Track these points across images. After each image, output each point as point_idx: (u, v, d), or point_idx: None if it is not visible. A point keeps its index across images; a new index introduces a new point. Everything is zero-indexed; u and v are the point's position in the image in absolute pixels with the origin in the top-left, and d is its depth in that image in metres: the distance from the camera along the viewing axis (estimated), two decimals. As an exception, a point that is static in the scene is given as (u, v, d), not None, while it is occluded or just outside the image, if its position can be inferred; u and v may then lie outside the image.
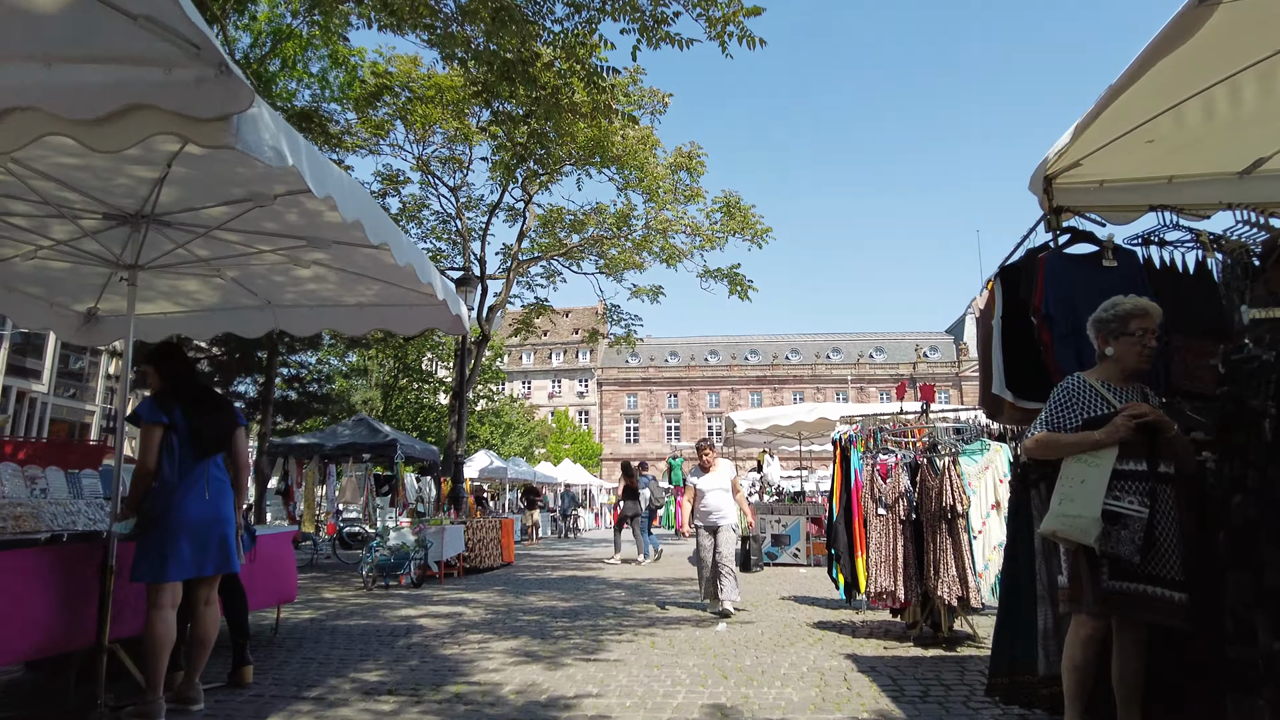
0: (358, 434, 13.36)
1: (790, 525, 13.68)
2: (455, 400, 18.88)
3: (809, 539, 13.84)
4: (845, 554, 7.42)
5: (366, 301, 5.96)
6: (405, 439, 13.64)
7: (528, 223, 20.06)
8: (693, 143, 19.24)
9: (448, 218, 20.85)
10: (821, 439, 19.07)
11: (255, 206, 4.08)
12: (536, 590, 9.90)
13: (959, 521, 5.73)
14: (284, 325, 6.21)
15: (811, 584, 10.51)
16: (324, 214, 4.34)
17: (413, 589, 10.03)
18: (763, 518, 13.76)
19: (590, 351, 72.03)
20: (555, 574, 12.38)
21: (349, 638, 6.39)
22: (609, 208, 19.71)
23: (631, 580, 11.20)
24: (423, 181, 20.27)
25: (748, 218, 19.27)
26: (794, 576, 11.54)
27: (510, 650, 5.84)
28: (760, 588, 10.05)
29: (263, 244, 4.79)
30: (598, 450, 62.26)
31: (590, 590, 9.89)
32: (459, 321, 5.74)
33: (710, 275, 20.16)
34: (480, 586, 10.41)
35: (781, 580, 11.03)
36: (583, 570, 13.05)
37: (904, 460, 6.33)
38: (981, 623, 6.67)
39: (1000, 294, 4.40)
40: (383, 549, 9.98)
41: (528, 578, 11.77)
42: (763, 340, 75.52)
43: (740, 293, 19.90)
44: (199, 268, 5.20)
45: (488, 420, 33.61)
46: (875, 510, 6.38)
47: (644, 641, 6.23)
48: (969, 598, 5.63)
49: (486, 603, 8.69)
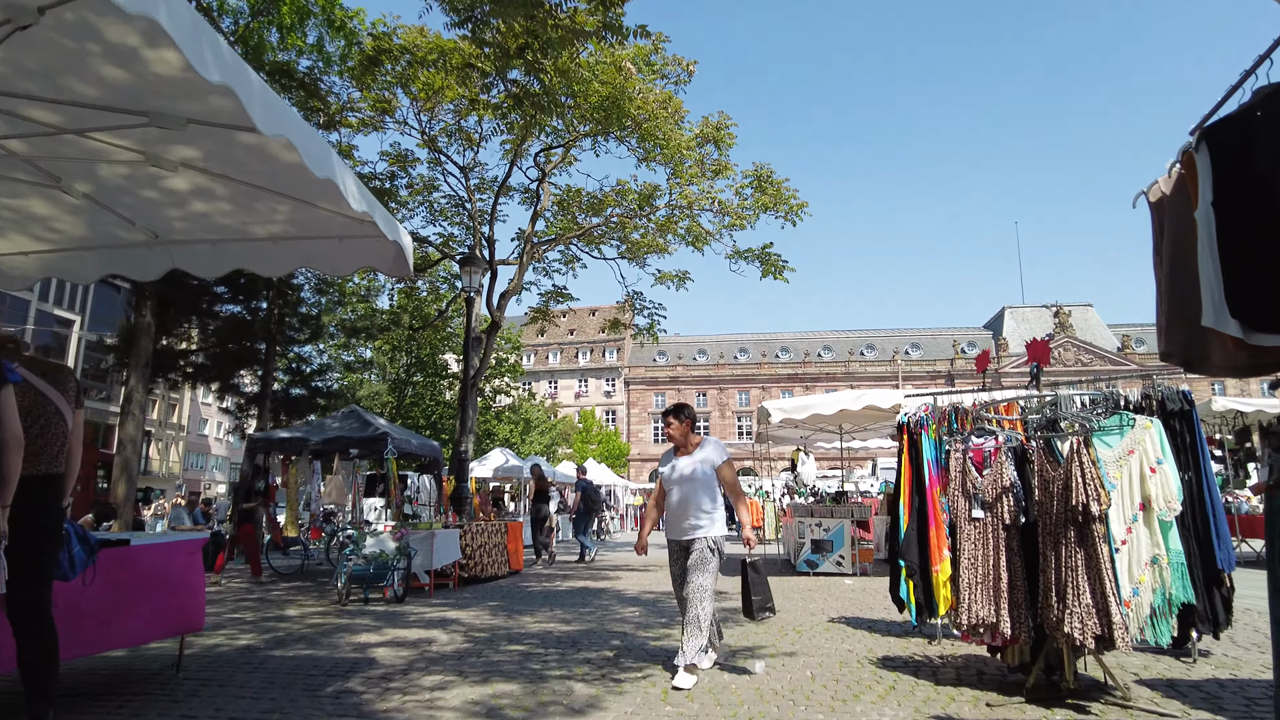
0: (347, 427, 11.95)
1: (833, 529, 12.01)
2: (464, 393, 17.50)
3: (854, 544, 12.16)
4: (918, 568, 5.79)
5: (280, 232, 4.46)
6: (399, 432, 12.21)
7: (543, 203, 18.56)
8: (721, 113, 17.57)
9: (460, 201, 19.46)
10: (864, 433, 17.34)
11: (15, 29, 2.56)
12: (536, 607, 8.36)
13: (1094, 528, 4.06)
14: (184, 265, 4.76)
15: (863, 600, 8.84)
16: (152, 63, 2.84)
17: (395, 604, 8.56)
18: (801, 521, 12.10)
19: (617, 350, 70.63)
20: (564, 585, 10.84)
21: (271, 677, 4.89)
22: (629, 183, 18.12)
23: (649, 594, 9.62)
24: (431, 160, 18.92)
25: (780, 191, 17.57)
26: (839, 590, 9.88)
27: (469, 704, 4.30)
28: (802, 605, 8.41)
29: (83, 122, 3.29)
30: (625, 450, 60.73)
31: (599, 607, 8.33)
32: (401, 257, 4.22)
33: (740, 256, 18.51)
34: (472, 601, 8.90)
35: (826, 595, 9.38)
36: (597, 580, 11.49)
37: (1009, 444, 4.66)
38: (1133, 667, 4.99)
39: (1208, 167, 2.75)
40: (358, 558, 8.52)
41: (531, 590, 10.24)
42: (793, 337, 73.45)
43: (774, 273, 18.23)
44: (23, 172, 3.73)
45: (505, 417, 32.12)
46: (968, 512, 4.73)
47: (652, 689, 4.66)
48: (1111, 635, 3.96)
49: (470, 625, 7.16)
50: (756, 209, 17.87)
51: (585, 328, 73.03)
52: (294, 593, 9.86)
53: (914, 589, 5.75)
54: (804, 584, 10.69)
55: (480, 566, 11.33)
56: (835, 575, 11.75)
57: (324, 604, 8.62)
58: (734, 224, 18.31)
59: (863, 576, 11.74)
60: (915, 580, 5.78)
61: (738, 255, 18.52)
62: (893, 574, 6.23)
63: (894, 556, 6.27)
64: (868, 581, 10.91)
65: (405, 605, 8.51)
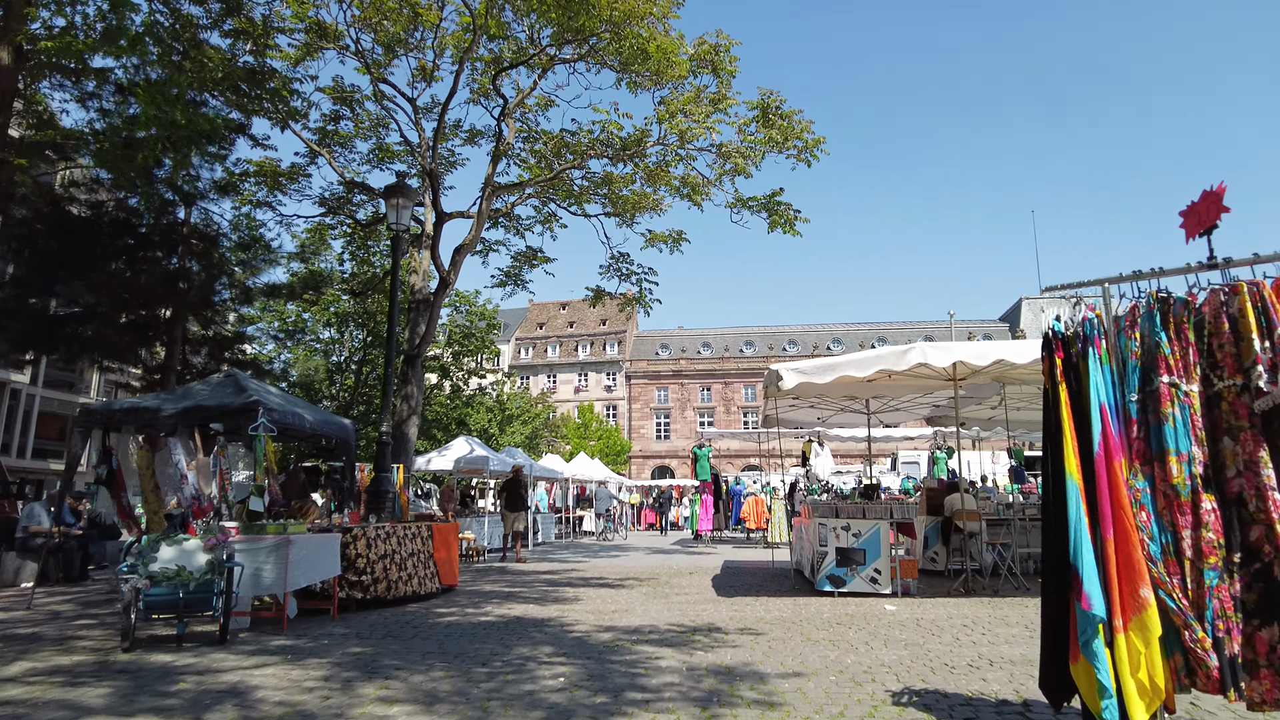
0: (218, 395, 8.95)
1: (865, 534, 8.95)
2: (388, 362, 14.45)
3: (894, 554, 9.10)
4: (1100, 602, 2.79)
5: None
6: (290, 403, 9.17)
7: (506, 139, 15.46)
8: (719, 31, 14.44)
9: (414, 147, 16.39)
10: (896, 413, 14.25)
11: None
12: (412, 663, 5.30)
13: None
14: None
15: (926, 642, 5.76)
16: None
17: (214, 648, 5.54)
18: (822, 524, 9.05)
19: (618, 343, 67.59)
20: (494, 613, 7.78)
21: None
22: (610, 114, 14.96)
23: (603, 634, 6.54)
24: (376, 94, 15.84)
25: (792, 125, 14.45)
26: (881, 622, 6.81)
27: None
28: (834, 655, 5.34)
29: None
30: (626, 446, 57.58)
31: (513, 664, 5.27)
32: None
33: (744, 205, 15.41)
34: (327, 647, 5.84)
35: (867, 632, 6.30)
36: (545, 604, 8.43)
37: None
38: None
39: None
40: (141, 576, 5.48)
41: (439, 623, 7.19)
42: (801, 330, 70.27)
43: (784, 225, 15.14)
44: None
45: (477, 404, 28.82)
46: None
47: None
48: None
49: (262, 711, 4.13)
50: (763, 148, 14.77)
51: (585, 320, 69.96)
52: (84, 623, 6.85)
53: (1117, 662, 2.73)
54: (829, 610, 7.63)
55: (387, 584, 8.30)
56: (869, 596, 8.69)
57: (85, 651, 5.60)
58: (737, 169, 15.21)
59: (906, 597, 8.68)
60: (1109, 642, 2.76)
61: (740, 204, 15.42)
62: (1050, 637, 3.21)
63: (1053, 599, 3.25)
64: (917, 607, 7.84)
65: (219, 652, 5.48)
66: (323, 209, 17.43)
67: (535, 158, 16.97)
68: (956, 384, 9.58)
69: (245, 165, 16.53)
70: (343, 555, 7.78)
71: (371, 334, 23.01)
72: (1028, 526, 11.62)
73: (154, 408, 8.80)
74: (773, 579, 10.88)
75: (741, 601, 8.45)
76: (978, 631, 6.40)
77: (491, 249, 18.51)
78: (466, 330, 27.25)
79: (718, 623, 6.91)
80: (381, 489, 10.24)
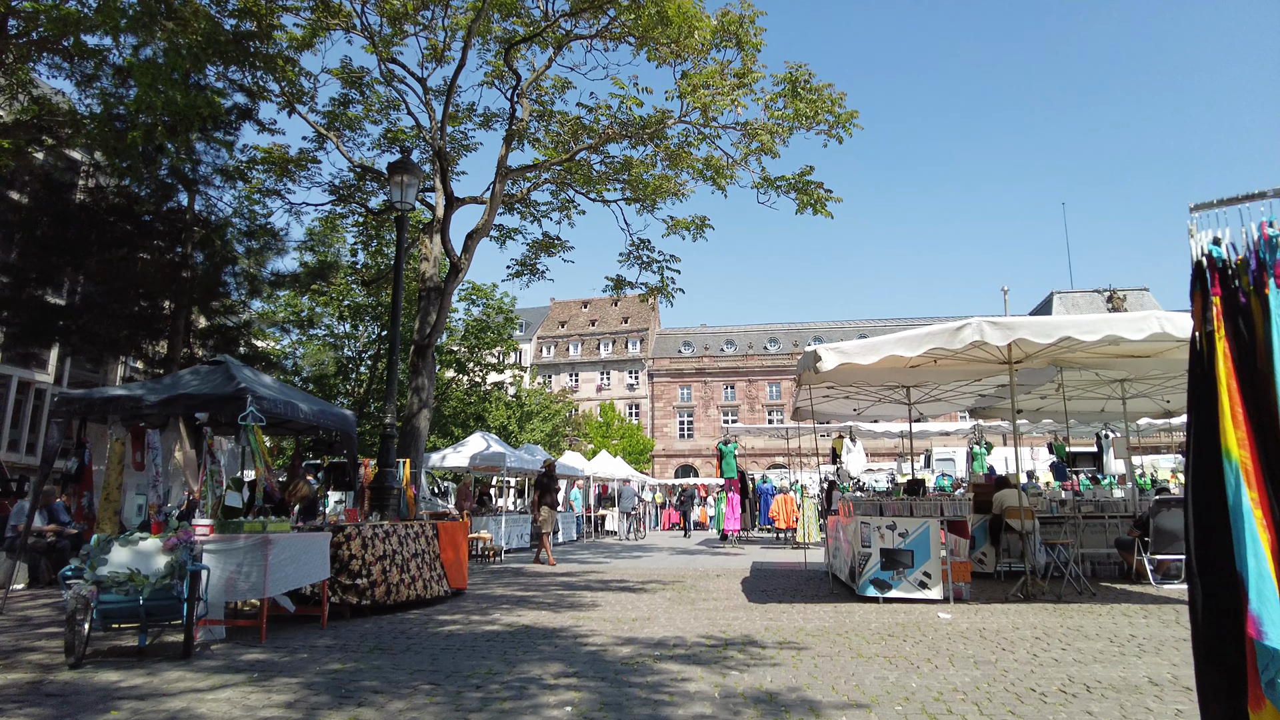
0: (207, 383, 8.28)
1: (913, 534, 8.08)
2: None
3: (946, 556, 8.21)
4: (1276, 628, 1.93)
5: None
6: (275, 390, 8.48)
7: (520, 119, 14.72)
8: (744, 0, 13.58)
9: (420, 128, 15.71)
10: (937, 403, 13.35)
11: None
12: (403, 679, 4.56)
13: None
14: None
15: (982, 652, 4.90)
16: None
17: (176, 662, 4.83)
18: (865, 523, 8.19)
19: (640, 341, 66.81)
20: (502, 621, 7.03)
21: None
22: (628, 89, 14.14)
23: (620, 648, 5.76)
24: (386, 75, 15.20)
25: (822, 98, 13.56)
26: (938, 634, 5.95)
27: None
28: (894, 676, 4.50)
29: None
30: (648, 445, 56.76)
31: (512, 685, 4.50)
32: None
33: (771, 185, 14.50)
34: (305, 663, 5.11)
35: (925, 646, 5.45)
36: (559, 610, 7.66)
37: None
38: None
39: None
40: (88, 582, 4.77)
41: (440, 632, 6.44)
42: (825, 326, 68.97)
43: (815, 205, 14.25)
44: None
45: (495, 399, 28.05)
46: None
47: None
48: None
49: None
50: (791, 123, 13.88)
51: (607, 318, 69.30)
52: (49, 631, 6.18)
53: None
54: (876, 619, 6.77)
55: (386, 588, 7.57)
56: (918, 602, 7.82)
57: (27, 667, 4.91)
58: (764, 148, 14.33)
59: (960, 604, 7.80)
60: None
61: (768, 184, 14.52)
62: (1211, 673, 2.37)
63: (1212, 622, 2.41)
64: (975, 615, 6.97)
65: (178, 669, 4.77)
66: (333, 196, 16.84)
67: (551, 140, 16.24)
68: (1012, 367, 8.67)
69: (253, 152, 16.01)
70: (335, 556, 7.08)
71: (385, 328, 22.39)
72: (1081, 525, 10.68)
73: (136, 396, 8.16)
74: (807, 582, 10.03)
75: (776, 609, 7.62)
76: (1056, 646, 5.52)
77: (509, 236, 17.82)
78: (483, 324, 26.54)
79: (753, 634, 6.09)
80: (385, 485, 9.54)
